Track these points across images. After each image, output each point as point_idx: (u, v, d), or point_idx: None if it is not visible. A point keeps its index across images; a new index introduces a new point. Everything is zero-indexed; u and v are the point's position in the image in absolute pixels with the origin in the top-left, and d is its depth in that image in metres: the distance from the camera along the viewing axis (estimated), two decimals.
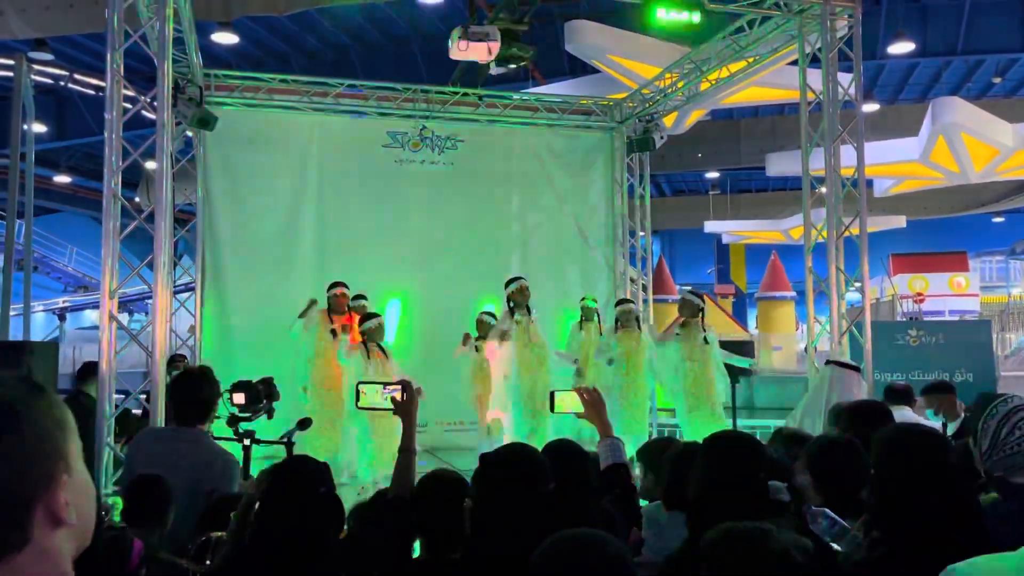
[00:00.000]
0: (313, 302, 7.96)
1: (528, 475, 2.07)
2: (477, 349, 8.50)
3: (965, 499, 2.05)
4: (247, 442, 4.19)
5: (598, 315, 8.96)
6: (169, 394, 3.50)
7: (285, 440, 4.36)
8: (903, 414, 5.90)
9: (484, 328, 8.42)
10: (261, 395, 4.48)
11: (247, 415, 4.36)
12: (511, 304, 7.90)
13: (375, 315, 7.68)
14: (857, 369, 6.06)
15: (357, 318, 7.76)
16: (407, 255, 9.91)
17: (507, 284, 8.06)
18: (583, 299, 9.15)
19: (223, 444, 3.73)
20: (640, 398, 8.17)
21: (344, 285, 8.04)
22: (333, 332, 7.83)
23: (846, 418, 3.49)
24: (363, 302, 8.43)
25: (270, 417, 5.03)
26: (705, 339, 7.72)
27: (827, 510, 2.40)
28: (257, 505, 2.25)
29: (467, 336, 8.58)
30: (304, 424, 4.58)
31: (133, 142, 5.97)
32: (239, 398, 4.32)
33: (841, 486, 2.73)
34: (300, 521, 2.15)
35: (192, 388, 3.48)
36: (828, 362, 6.29)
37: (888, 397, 5.17)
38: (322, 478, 2.28)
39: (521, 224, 10.56)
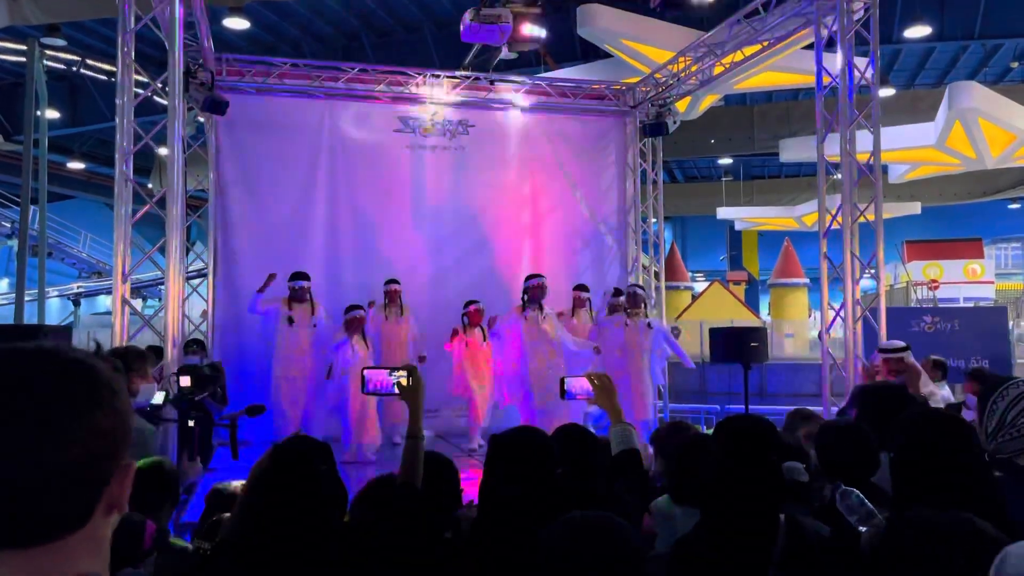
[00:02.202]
0: (272, 276, 8.11)
1: (536, 457, 2.05)
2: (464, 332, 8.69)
3: (987, 485, 2.02)
4: (191, 423, 4.29)
5: (591, 303, 9.20)
6: None
7: (227, 422, 4.42)
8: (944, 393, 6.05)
9: (479, 317, 8.64)
10: (207, 379, 4.59)
11: (192, 396, 4.48)
12: (524, 299, 8.41)
13: (357, 307, 8.00)
14: (904, 348, 5.87)
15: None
16: (418, 240, 9.90)
17: (525, 280, 8.65)
18: (575, 287, 9.31)
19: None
20: (640, 384, 8.39)
21: (305, 277, 8.20)
22: (290, 320, 8.02)
23: (861, 401, 3.46)
24: (396, 286, 8.72)
25: (221, 402, 5.27)
26: (649, 324, 8.47)
27: (857, 491, 2.38)
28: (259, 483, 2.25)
29: (456, 331, 8.69)
30: (255, 411, 4.63)
31: (147, 128, 5.96)
32: (185, 381, 4.47)
33: (850, 471, 2.70)
34: (301, 499, 2.15)
35: None
36: (880, 350, 6.16)
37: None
38: (324, 457, 2.27)
39: (533, 209, 10.50)
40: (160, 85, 5.83)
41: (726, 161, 27.01)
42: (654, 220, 11.10)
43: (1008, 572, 1.33)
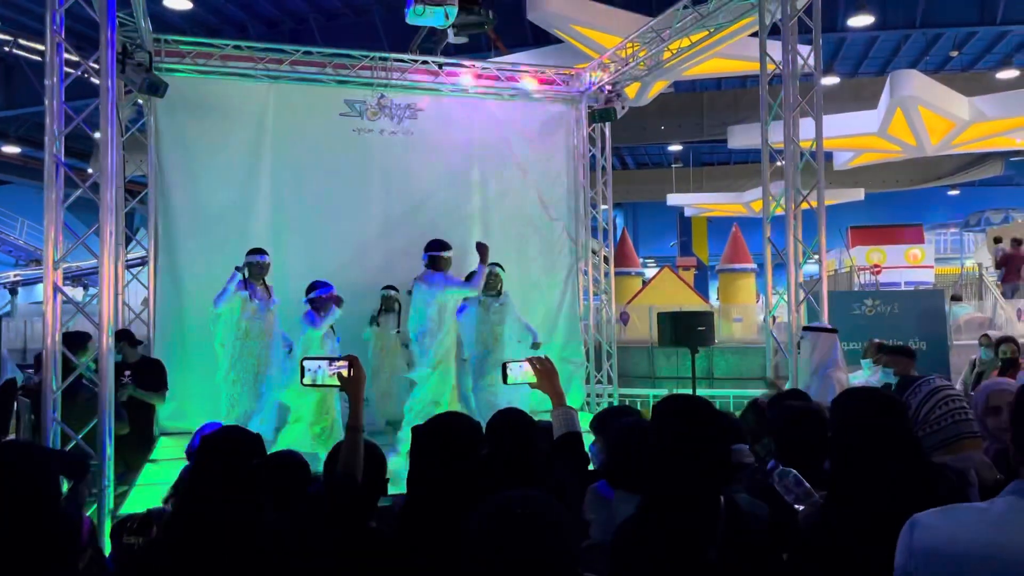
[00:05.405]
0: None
1: (457, 441, 2.02)
2: (378, 324, 9.12)
3: (920, 462, 2.05)
4: None
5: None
6: None
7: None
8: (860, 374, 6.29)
9: (389, 303, 9.13)
10: None
11: None
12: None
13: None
14: (833, 330, 6.14)
15: None
16: (365, 226, 9.77)
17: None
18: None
19: None
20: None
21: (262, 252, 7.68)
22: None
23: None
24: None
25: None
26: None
27: (794, 471, 2.40)
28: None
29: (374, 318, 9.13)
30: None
31: (83, 111, 5.72)
32: None
33: (805, 456, 2.73)
34: (231, 494, 2.08)
35: None
36: (805, 328, 6.39)
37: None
38: (255, 450, 2.20)
39: (482, 195, 10.43)
40: (93, 65, 5.60)
41: (676, 148, 27.24)
42: (604, 206, 11.12)
43: (917, 540, 1.34)
